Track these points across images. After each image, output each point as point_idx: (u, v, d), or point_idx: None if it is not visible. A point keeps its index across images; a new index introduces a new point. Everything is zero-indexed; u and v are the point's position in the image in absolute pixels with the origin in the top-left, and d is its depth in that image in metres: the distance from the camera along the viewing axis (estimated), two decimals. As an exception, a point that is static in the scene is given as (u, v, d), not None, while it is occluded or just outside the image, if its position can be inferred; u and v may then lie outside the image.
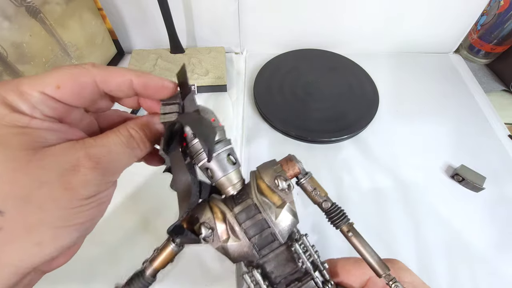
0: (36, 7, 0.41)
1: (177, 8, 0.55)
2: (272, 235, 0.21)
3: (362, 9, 0.57)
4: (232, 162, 0.22)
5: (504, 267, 0.37)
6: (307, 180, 0.23)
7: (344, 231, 0.22)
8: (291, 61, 0.60)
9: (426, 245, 0.39)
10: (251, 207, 0.21)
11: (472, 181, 0.42)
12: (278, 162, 0.23)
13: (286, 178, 0.22)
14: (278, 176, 0.22)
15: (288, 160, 0.23)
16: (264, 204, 0.21)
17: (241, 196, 0.22)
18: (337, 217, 0.22)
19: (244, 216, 0.21)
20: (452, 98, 0.57)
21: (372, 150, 0.48)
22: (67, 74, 0.17)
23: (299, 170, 0.23)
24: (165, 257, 0.21)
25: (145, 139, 0.20)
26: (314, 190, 0.23)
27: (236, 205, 0.21)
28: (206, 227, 0.20)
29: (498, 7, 0.57)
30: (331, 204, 0.22)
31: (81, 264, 0.36)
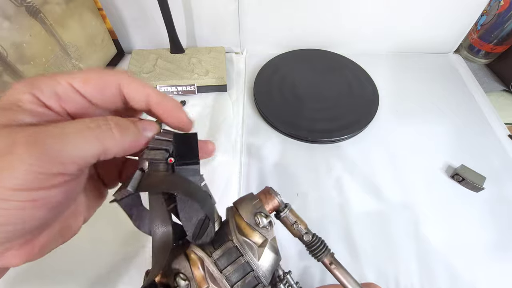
0: (36, 7, 0.41)
1: (177, 8, 0.55)
2: (256, 279, 0.19)
3: (362, 9, 0.57)
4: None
5: (504, 267, 0.37)
6: (287, 213, 0.22)
7: (326, 263, 0.21)
8: (291, 61, 0.60)
9: (426, 245, 0.39)
10: (232, 250, 0.19)
11: (472, 181, 0.42)
12: (256, 195, 0.22)
13: (267, 214, 0.20)
14: (258, 213, 0.20)
15: (266, 193, 0.22)
16: (245, 244, 0.19)
17: (220, 238, 0.20)
18: (319, 249, 0.21)
19: (225, 261, 0.19)
20: (452, 98, 0.57)
21: (372, 150, 0.48)
22: (97, 73, 0.17)
23: (278, 203, 0.22)
24: None
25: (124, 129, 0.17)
26: (295, 223, 0.22)
27: (215, 249, 0.19)
28: (182, 278, 0.18)
29: (498, 7, 0.57)
30: (312, 235, 0.22)
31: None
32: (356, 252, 0.38)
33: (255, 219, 0.20)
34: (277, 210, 0.22)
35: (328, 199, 0.42)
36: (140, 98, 0.19)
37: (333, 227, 0.40)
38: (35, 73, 0.42)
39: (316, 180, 0.44)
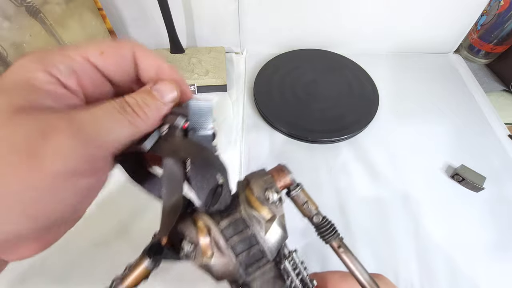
0: (36, 7, 0.41)
1: (177, 8, 0.55)
2: (260, 252, 0.19)
3: (362, 9, 0.57)
4: None
5: (504, 267, 0.37)
6: (298, 192, 0.21)
7: (334, 246, 0.21)
8: (291, 61, 0.60)
9: (426, 245, 0.39)
10: (239, 221, 0.19)
11: (472, 181, 0.42)
12: (269, 172, 0.22)
13: (278, 190, 0.20)
14: (268, 188, 0.20)
15: (279, 170, 0.22)
16: (253, 218, 0.19)
17: (228, 209, 0.20)
18: (328, 232, 0.21)
19: (231, 231, 0.19)
20: (452, 98, 0.57)
21: (372, 150, 0.48)
22: (110, 44, 0.16)
23: (290, 181, 0.21)
24: (138, 275, 0.19)
25: (146, 106, 0.16)
26: (305, 203, 0.21)
27: (222, 219, 0.19)
28: (188, 243, 0.19)
29: (498, 7, 0.57)
30: (322, 218, 0.21)
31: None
32: (356, 252, 0.38)
33: (265, 194, 0.20)
34: (288, 188, 0.22)
35: (328, 199, 0.42)
36: (152, 70, 0.18)
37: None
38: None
39: (316, 180, 0.44)
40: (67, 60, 0.15)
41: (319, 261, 0.35)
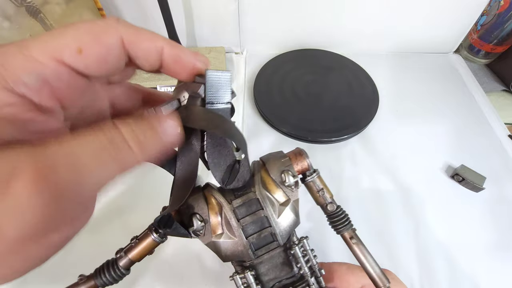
0: (36, 7, 0.41)
1: (177, 8, 0.55)
2: (272, 235, 0.19)
3: (362, 9, 0.57)
4: (236, 149, 0.19)
5: (504, 267, 0.37)
6: (314, 178, 0.20)
7: (346, 237, 0.20)
8: (291, 61, 0.60)
9: (426, 245, 0.39)
10: (253, 201, 0.19)
11: (472, 181, 0.42)
12: (286, 154, 0.21)
13: (295, 174, 0.19)
14: (285, 171, 0.19)
15: (297, 153, 0.21)
16: (267, 199, 0.19)
17: (242, 188, 0.19)
18: (341, 222, 0.20)
19: (244, 211, 0.18)
20: (452, 98, 0.57)
21: (372, 150, 0.48)
22: (89, 33, 0.12)
23: (308, 166, 0.20)
24: (144, 248, 0.19)
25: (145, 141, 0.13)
26: (321, 190, 0.20)
27: (236, 198, 0.19)
28: (198, 219, 0.18)
29: (498, 7, 0.57)
30: (337, 207, 0.21)
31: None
32: (356, 252, 0.38)
33: (281, 176, 0.19)
34: (304, 174, 0.21)
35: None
36: (151, 56, 0.14)
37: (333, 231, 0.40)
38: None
39: (316, 180, 0.44)
40: (34, 65, 0.11)
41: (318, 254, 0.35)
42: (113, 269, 0.18)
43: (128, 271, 0.19)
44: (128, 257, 0.19)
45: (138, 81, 0.53)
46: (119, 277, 0.18)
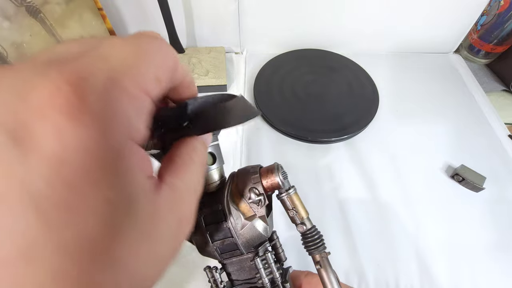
0: (36, 7, 0.41)
1: (177, 8, 0.55)
2: (234, 245, 0.20)
3: (362, 9, 0.57)
4: (211, 161, 0.20)
5: (504, 267, 0.37)
6: (285, 198, 0.21)
7: (314, 260, 0.20)
8: (291, 61, 0.60)
9: (426, 245, 0.39)
10: (218, 212, 0.20)
11: (472, 181, 0.42)
12: (260, 169, 0.21)
13: (259, 192, 0.20)
14: (252, 188, 0.20)
15: (269, 170, 0.21)
16: (233, 212, 0.20)
17: (214, 197, 0.20)
18: (312, 243, 0.20)
19: (210, 220, 0.20)
20: (452, 98, 0.57)
21: (372, 150, 0.48)
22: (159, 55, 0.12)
23: (277, 184, 0.20)
24: None
25: None
26: (292, 210, 0.21)
27: (205, 206, 0.20)
28: None
29: (498, 7, 0.57)
30: (310, 227, 0.21)
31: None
32: (355, 252, 0.38)
33: (248, 192, 0.20)
34: (279, 190, 0.21)
35: (328, 199, 0.42)
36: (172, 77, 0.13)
37: (332, 227, 0.40)
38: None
39: (316, 180, 0.44)
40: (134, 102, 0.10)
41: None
42: None
43: None
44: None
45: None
46: None
